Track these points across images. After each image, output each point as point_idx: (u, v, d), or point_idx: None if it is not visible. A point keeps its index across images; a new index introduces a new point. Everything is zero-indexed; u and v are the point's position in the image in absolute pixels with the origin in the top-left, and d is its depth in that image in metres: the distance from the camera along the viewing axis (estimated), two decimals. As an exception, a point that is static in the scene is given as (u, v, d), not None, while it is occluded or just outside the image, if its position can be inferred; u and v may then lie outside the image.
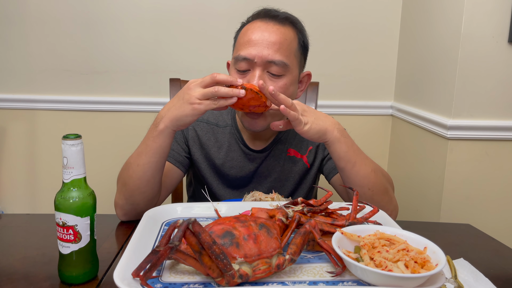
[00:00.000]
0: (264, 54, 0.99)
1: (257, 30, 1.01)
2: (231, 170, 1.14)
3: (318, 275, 0.68)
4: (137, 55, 1.92)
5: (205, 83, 0.89)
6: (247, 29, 1.04)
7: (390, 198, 1.02)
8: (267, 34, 1.00)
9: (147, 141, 0.95)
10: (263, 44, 0.99)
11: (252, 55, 0.99)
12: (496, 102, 1.47)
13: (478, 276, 0.74)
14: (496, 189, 1.53)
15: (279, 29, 1.02)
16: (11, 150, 1.99)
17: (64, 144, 0.67)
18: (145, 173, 0.95)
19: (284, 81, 1.02)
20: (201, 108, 0.88)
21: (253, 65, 1.00)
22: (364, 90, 2.00)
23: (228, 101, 0.88)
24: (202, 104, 0.88)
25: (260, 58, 0.99)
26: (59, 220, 0.68)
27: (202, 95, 0.87)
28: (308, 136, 0.93)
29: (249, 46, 1.00)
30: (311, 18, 1.91)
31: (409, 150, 1.85)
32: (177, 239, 0.58)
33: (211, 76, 0.89)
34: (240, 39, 1.04)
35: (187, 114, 0.89)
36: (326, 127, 0.94)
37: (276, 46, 0.99)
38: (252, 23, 1.04)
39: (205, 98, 0.88)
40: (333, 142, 0.95)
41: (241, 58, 1.00)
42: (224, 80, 0.89)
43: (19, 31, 1.89)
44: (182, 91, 0.91)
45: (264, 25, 1.02)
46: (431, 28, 1.67)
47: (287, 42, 1.02)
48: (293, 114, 0.89)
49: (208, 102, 0.88)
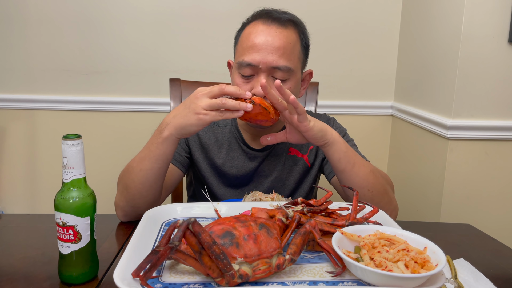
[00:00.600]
0: (269, 60, 0.98)
1: (260, 35, 1.00)
2: (232, 169, 1.14)
3: (318, 275, 0.68)
4: (137, 55, 1.92)
5: (212, 94, 0.87)
6: (250, 32, 1.03)
7: (390, 199, 1.02)
8: (270, 38, 0.99)
9: (151, 146, 0.94)
10: (267, 50, 0.98)
11: (256, 61, 0.99)
12: (496, 102, 1.47)
13: (478, 276, 0.74)
14: (496, 189, 1.53)
15: (282, 32, 1.01)
16: (11, 150, 1.99)
17: (64, 144, 0.67)
18: (147, 178, 0.94)
19: (289, 85, 1.02)
20: (207, 119, 0.87)
21: (257, 71, 1.00)
22: (364, 90, 2.00)
23: (234, 114, 0.87)
24: (208, 115, 0.86)
25: (265, 64, 0.98)
26: (59, 220, 0.68)
27: (208, 105, 0.86)
28: (311, 134, 0.93)
29: (253, 52, 0.99)
30: (311, 18, 1.91)
31: (409, 150, 1.85)
32: (177, 239, 0.58)
33: (220, 88, 0.87)
34: (243, 43, 1.03)
35: (192, 123, 0.88)
36: (327, 128, 0.95)
37: (280, 52, 0.99)
38: (255, 26, 1.03)
39: (211, 109, 0.86)
40: (333, 143, 0.95)
41: (246, 64, 1.00)
42: (233, 93, 0.88)
43: (19, 31, 1.89)
44: (189, 100, 0.90)
45: (267, 29, 1.01)
46: (431, 28, 1.66)
47: (291, 46, 1.01)
48: (302, 108, 0.88)
49: (214, 113, 0.86)
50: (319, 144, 0.96)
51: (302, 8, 1.89)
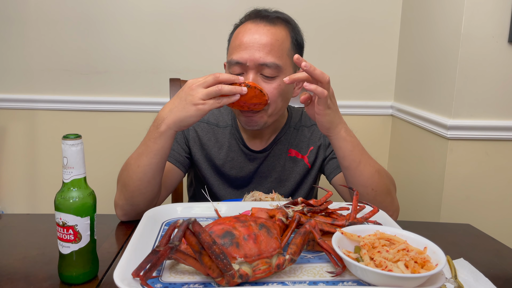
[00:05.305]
0: (256, 57, 0.98)
1: (248, 33, 1.01)
2: (232, 170, 1.14)
3: (318, 275, 0.68)
4: (137, 55, 1.92)
5: (207, 83, 0.89)
6: (239, 32, 1.04)
7: (392, 199, 1.02)
8: (257, 36, 1.00)
9: (148, 142, 0.94)
10: (254, 47, 0.99)
11: (244, 59, 0.99)
12: (496, 102, 1.47)
13: (478, 276, 0.74)
14: (496, 189, 1.53)
15: (270, 30, 1.01)
16: (11, 150, 1.99)
17: (64, 144, 0.67)
18: (145, 174, 0.95)
19: (278, 82, 1.01)
20: (205, 108, 0.88)
21: (246, 69, 1.00)
22: (364, 90, 2.00)
23: (231, 98, 0.89)
24: (206, 104, 0.88)
25: (252, 61, 0.99)
26: (59, 220, 0.68)
27: (205, 95, 0.88)
28: (322, 121, 0.92)
29: (241, 50, 1.00)
30: (310, 18, 1.92)
31: (409, 150, 1.85)
32: (177, 239, 0.58)
33: (214, 76, 0.89)
34: (232, 43, 1.05)
35: (191, 115, 0.89)
36: (339, 122, 0.94)
37: (267, 48, 0.99)
38: (244, 26, 1.04)
39: (208, 98, 0.88)
40: (338, 138, 0.94)
41: (234, 63, 1.01)
42: (227, 79, 0.89)
43: (19, 31, 1.89)
44: (184, 92, 0.91)
45: (255, 27, 1.01)
46: (431, 28, 1.66)
47: (279, 42, 1.01)
48: (323, 91, 0.86)
49: (212, 102, 0.88)
50: (324, 133, 0.96)
51: (302, 8, 1.89)
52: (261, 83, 1.00)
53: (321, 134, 1.18)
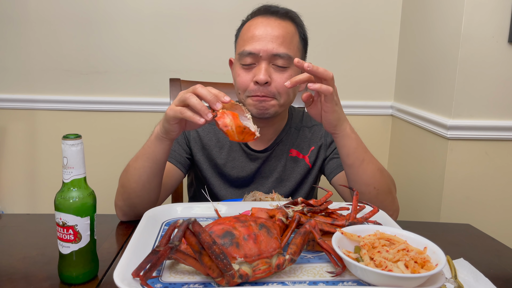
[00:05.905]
0: (269, 48, 1.01)
1: (260, 26, 1.04)
2: (233, 170, 1.15)
3: (318, 275, 0.68)
4: (137, 55, 1.92)
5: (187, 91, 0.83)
6: (250, 25, 1.06)
7: (393, 199, 1.02)
8: (270, 28, 1.03)
9: (145, 145, 0.95)
10: (267, 39, 1.02)
11: (257, 50, 1.01)
12: (496, 102, 1.47)
13: (478, 276, 0.74)
14: (496, 189, 1.53)
15: (281, 23, 1.04)
16: (11, 150, 1.99)
17: (64, 144, 0.67)
18: (140, 177, 0.95)
19: (290, 73, 1.03)
20: (169, 114, 0.84)
21: (258, 59, 1.02)
22: (364, 90, 2.00)
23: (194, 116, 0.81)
24: (172, 110, 0.83)
25: (265, 52, 1.01)
26: (59, 220, 0.68)
27: (177, 100, 0.83)
28: (330, 119, 0.92)
29: (254, 41, 1.02)
30: (311, 18, 1.91)
31: (409, 150, 1.85)
32: (177, 239, 0.58)
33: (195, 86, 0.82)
34: (243, 36, 1.06)
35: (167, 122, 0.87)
36: (344, 119, 0.95)
37: (279, 40, 1.02)
38: (254, 20, 1.07)
39: (179, 104, 0.83)
40: (343, 137, 0.95)
41: (246, 53, 1.02)
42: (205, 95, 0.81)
43: (19, 31, 1.89)
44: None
45: (266, 21, 1.04)
46: (431, 28, 1.66)
47: (290, 35, 1.04)
48: (328, 88, 0.85)
49: (179, 108, 0.82)
50: (329, 131, 0.96)
51: (302, 8, 1.88)
52: (273, 73, 1.02)
53: (322, 134, 1.18)
